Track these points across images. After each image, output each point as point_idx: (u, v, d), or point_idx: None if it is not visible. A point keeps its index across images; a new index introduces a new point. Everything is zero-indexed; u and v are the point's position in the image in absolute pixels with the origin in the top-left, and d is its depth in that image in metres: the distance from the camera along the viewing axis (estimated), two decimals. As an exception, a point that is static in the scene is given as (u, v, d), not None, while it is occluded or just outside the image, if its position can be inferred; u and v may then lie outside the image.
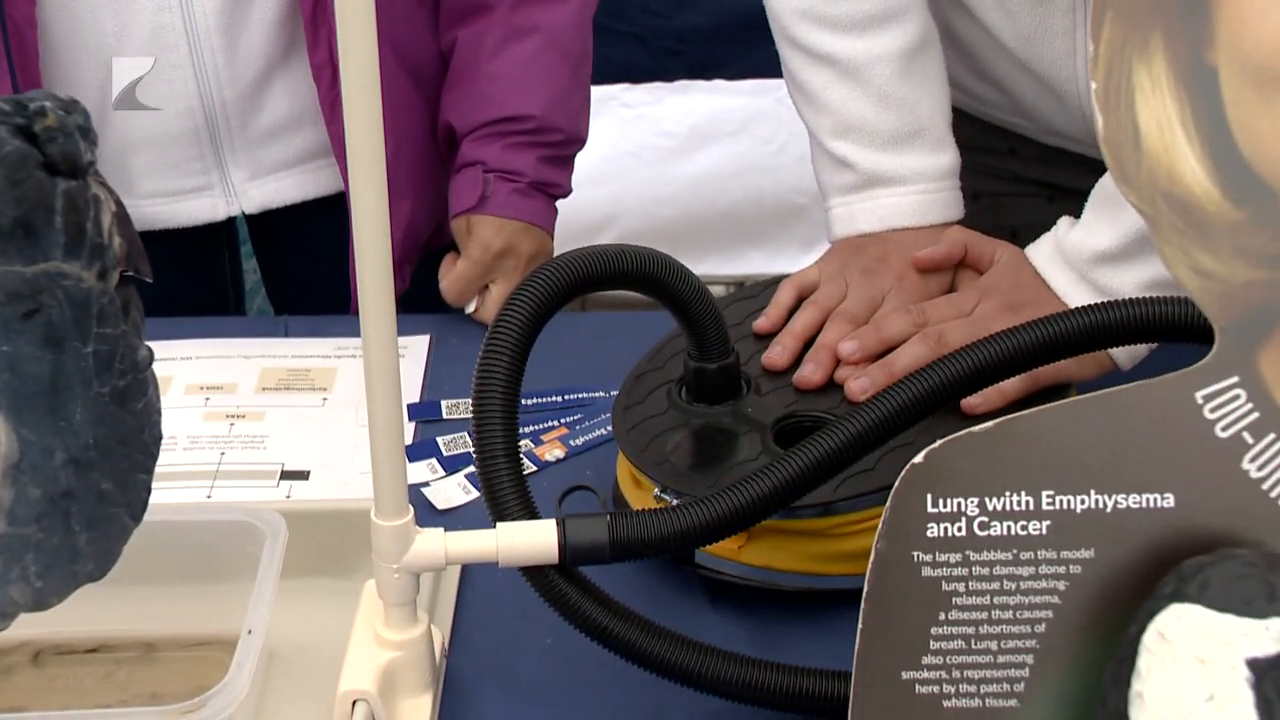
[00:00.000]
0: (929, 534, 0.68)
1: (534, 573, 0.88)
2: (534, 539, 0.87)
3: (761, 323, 1.13)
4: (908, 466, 0.68)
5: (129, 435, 0.83)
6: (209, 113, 1.30)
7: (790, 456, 0.85)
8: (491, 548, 0.88)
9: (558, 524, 0.87)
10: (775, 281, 1.18)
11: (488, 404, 0.88)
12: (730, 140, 2.93)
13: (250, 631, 0.89)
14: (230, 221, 1.40)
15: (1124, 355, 1.05)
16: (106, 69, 1.28)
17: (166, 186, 1.35)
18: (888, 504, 0.69)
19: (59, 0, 1.25)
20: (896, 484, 0.68)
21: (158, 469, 1.13)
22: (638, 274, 0.93)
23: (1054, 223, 1.11)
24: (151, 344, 1.29)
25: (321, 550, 1.01)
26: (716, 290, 3.18)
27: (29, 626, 0.98)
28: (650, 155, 2.95)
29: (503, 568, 0.87)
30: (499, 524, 0.88)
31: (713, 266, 3.01)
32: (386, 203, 0.80)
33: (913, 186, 1.17)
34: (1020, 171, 1.36)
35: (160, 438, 0.85)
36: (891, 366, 1.05)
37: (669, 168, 2.96)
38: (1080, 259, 1.06)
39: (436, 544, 0.88)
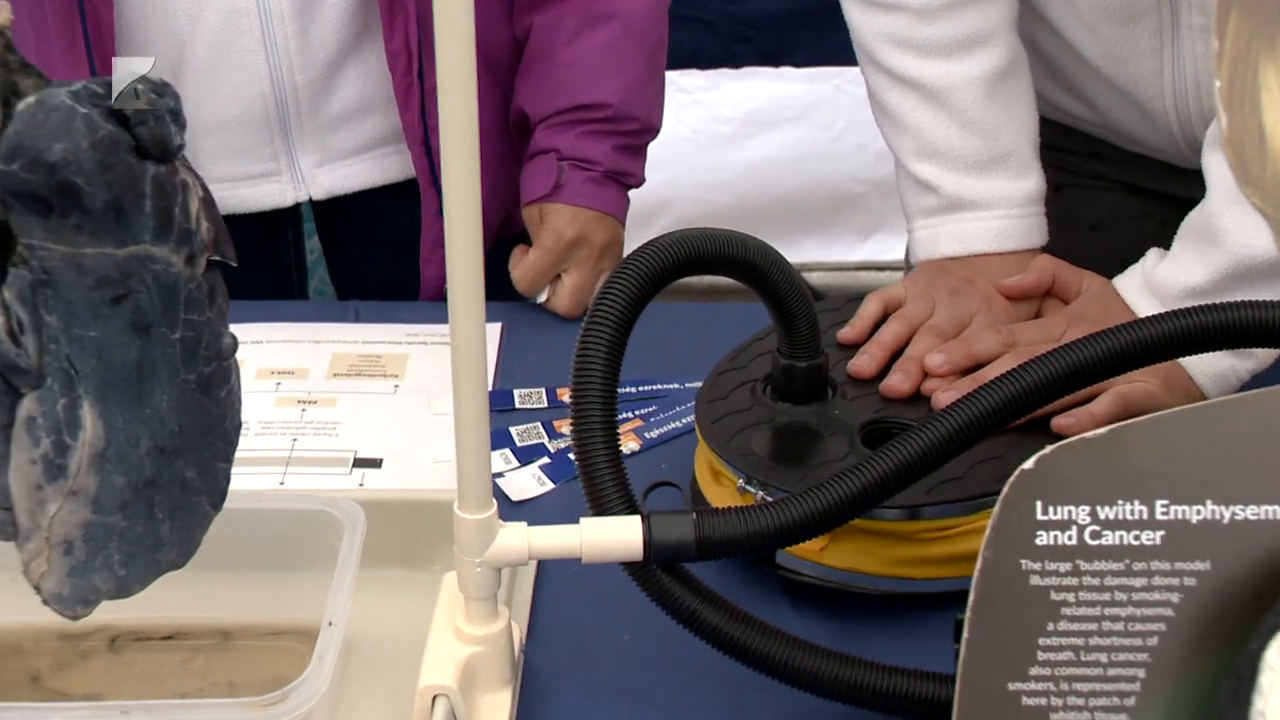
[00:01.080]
0: (1038, 542, 0.67)
1: (636, 569, 0.87)
2: (618, 536, 0.86)
3: (847, 333, 1.11)
4: (1017, 472, 0.66)
5: (212, 423, 0.82)
6: (280, 98, 1.29)
7: (881, 456, 0.84)
8: (575, 544, 0.86)
9: (643, 520, 0.86)
10: (858, 296, 1.17)
11: (587, 395, 0.87)
12: (788, 126, 2.91)
13: (331, 624, 0.88)
14: (296, 206, 1.39)
15: (1210, 384, 1.04)
16: (179, 52, 1.27)
17: (235, 171, 1.34)
18: (995, 510, 0.67)
19: (135, -19, 1.25)
20: (1005, 490, 0.67)
21: (232, 453, 1.13)
22: (738, 260, 0.92)
23: (1136, 215, 1.09)
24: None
25: (398, 540, 1.00)
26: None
27: (106, 611, 0.97)
28: (706, 140, 2.94)
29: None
30: (582, 520, 0.87)
31: (767, 253, 2.99)
32: (479, 191, 0.79)
33: (995, 211, 1.16)
34: (1103, 171, 1.34)
35: (240, 426, 0.85)
36: (980, 381, 1.03)
37: (725, 153, 2.94)
38: (1169, 293, 1.04)
39: (520, 539, 0.87)
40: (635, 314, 0.88)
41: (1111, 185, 1.34)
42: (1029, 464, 0.66)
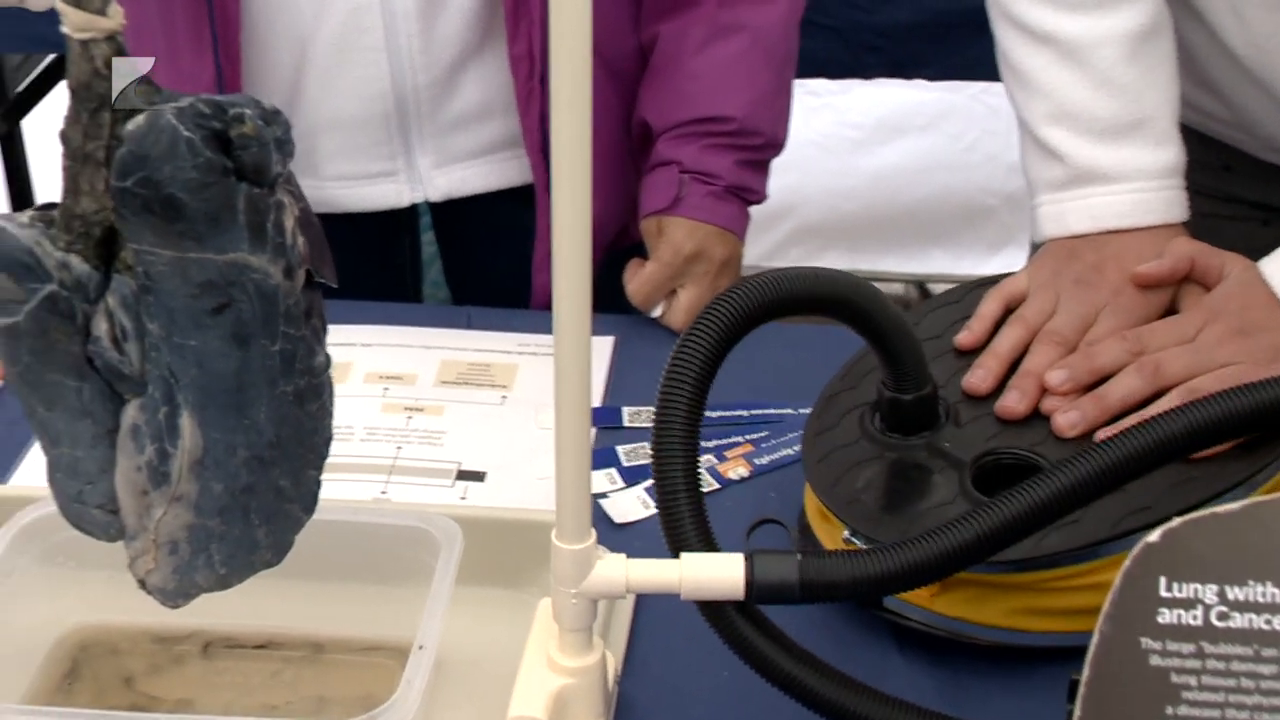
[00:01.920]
0: (1160, 620, 0.63)
1: (710, 607, 0.84)
2: (720, 573, 0.84)
3: (964, 337, 1.06)
4: (1141, 545, 0.63)
5: (305, 435, 0.82)
6: (400, 98, 1.28)
7: (991, 508, 0.80)
8: (675, 579, 0.84)
9: (746, 560, 0.84)
10: (981, 284, 1.11)
11: (669, 431, 0.84)
12: (919, 135, 2.86)
13: (421, 647, 0.86)
14: (413, 207, 1.38)
15: None
16: (302, 49, 1.26)
17: (353, 170, 1.33)
18: (1116, 584, 0.64)
19: (262, -23, 1.24)
20: (1127, 563, 0.63)
21: (335, 460, 1.12)
22: (834, 299, 0.88)
23: (1267, 249, 1.03)
24: (333, 327, 1.28)
25: (496, 559, 0.98)
26: (895, 289, 3.12)
27: (201, 616, 0.97)
28: (835, 145, 2.90)
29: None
30: (683, 555, 0.85)
31: (893, 264, 2.94)
32: (589, 202, 0.76)
33: (1130, 184, 1.08)
34: (1235, 191, 1.28)
35: (330, 439, 0.84)
36: (1104, 400, 0.98)
37: (853, 159, 2.90)
38: None
39: (618, 571, 0.85)
40: (723, 352, 0.85)
41: (1243, 214, 1.28)
42: (1154, 536, 0.62)
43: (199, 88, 1.26)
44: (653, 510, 1.09)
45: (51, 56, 2.55)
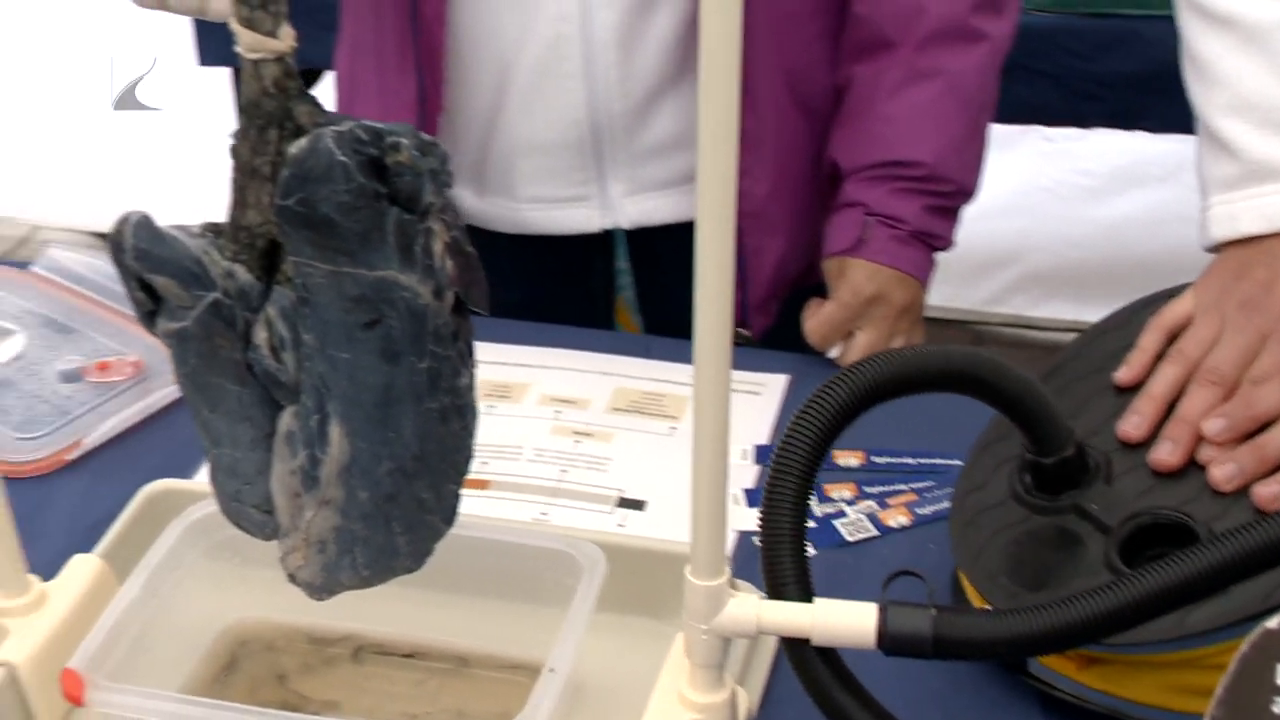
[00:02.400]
0: (1275, 709, 0.61)
1: (790, 644, 0.84)
2: (852, 621, 0.83)
3: (1123, 374, 1.01)
4: (1259, 630, 0.60)
5: (448, 452, 0.84)
6: (595, 125, 1.30)
7: (1135, 580, 0.78)
8: (806, 623, 0.84)
9: (879, 609, 0.83)
10: (1151, 301, 1.06)
11: (781, 484, 0.84)
12: (1156, 186, 2.78)
13: (553, 670, 0.87)
14: (608, 233, 1.40)
15: None
16: (504, 72, 1.29)
17: (547, 193, 1.35)
18: (1230, 668, 0.61)
19: (469, 1, 1.27)
20: (1244, 648, 0.61)
21: (500, 478, 1.14)
22: (951, 375, 0.86)
23: None
24: (515, 348, 1.31)
25: (642, 588, 0.99)
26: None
27: (355, 621, 1.00)
28: (1067, 193, 2.84)
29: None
30: (817, 599, 0.85)
31: (1120, 317, 2.87)
32: (733, 232, 0.76)
33: None
34: None
35: (471, 457, 0.86)
36: (1263, 450, 0.93)
37: (1085, 208, 2.83)
38: None
39: (750, 611, 0.84)
40: (839, 428, 0.84)
41: None
42: (1273, 623, 0.60)
43: (403, 105, 1.30)
44: (810, 551, 1.08)
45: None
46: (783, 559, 0.84)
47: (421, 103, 1.29)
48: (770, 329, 1.35)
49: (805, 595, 0.83)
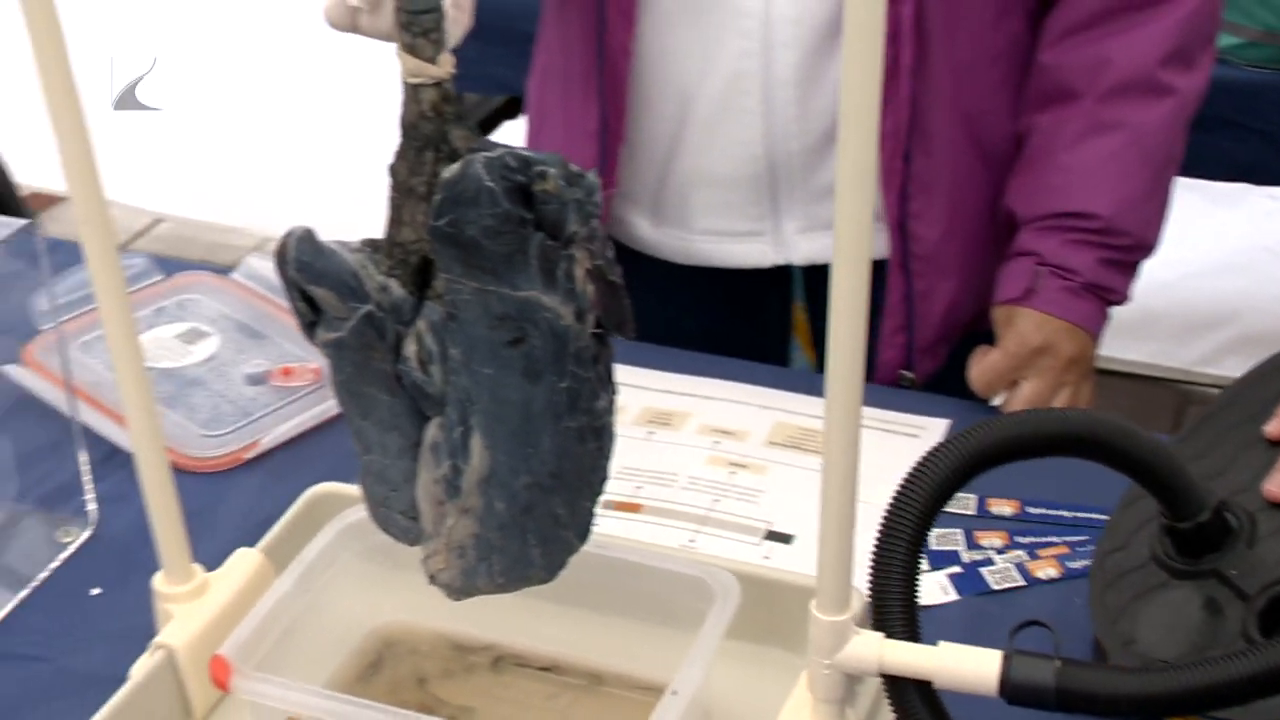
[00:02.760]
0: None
1: (893, 682, 0.85)
2: (975, 666, 0.83)
3: (1273, 427, 0.99)
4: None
5: (584, 470, 0.86)
6: (772, 161, 1.31)
7: (1269, 648, 0.76)
8: (929, 665, 0.84)
9: (1004, 657, 0.83)
10: None
11: (892, 546, 0.85)
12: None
13: (675, 692, 0.89)
14: (785, 269, 1.41)
15: None
16: (685, 104, 1.31)
17: (721, 226, 1.37)
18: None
19: (654, 33, 1.29)
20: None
21: (652, 503, 1.16)
22: (1075, 438, 0.85)
23: None
24: (680, 377, 1.33)
25: (778, 620, 1.00)
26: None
27: (497, 632, 1.02)
28: (1292, 254, 2.77)
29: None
30: (941, 643, 0.85)
31: (1341, 384, 2.78)
32: (867, 273, 0.77)
33: None
34: None
35: (607, 478, 0.88)
36: None
37: (1310, 270, 2.76)
38: None
39: (872, 649, 0.85)
40: (954, 488, 0.86)
41: None
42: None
43: (585, 135, 1.33)
44: (952, 597, 1.08)
45: (502, 98, 2.71)
46: (892, 618, 0.84)
47: (603, 132, 1.32)
48: (935, 373, 1.35)
49: (909, 634, 0.84)
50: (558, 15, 1.37)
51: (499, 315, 0.80)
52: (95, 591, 1.13)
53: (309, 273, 0.82)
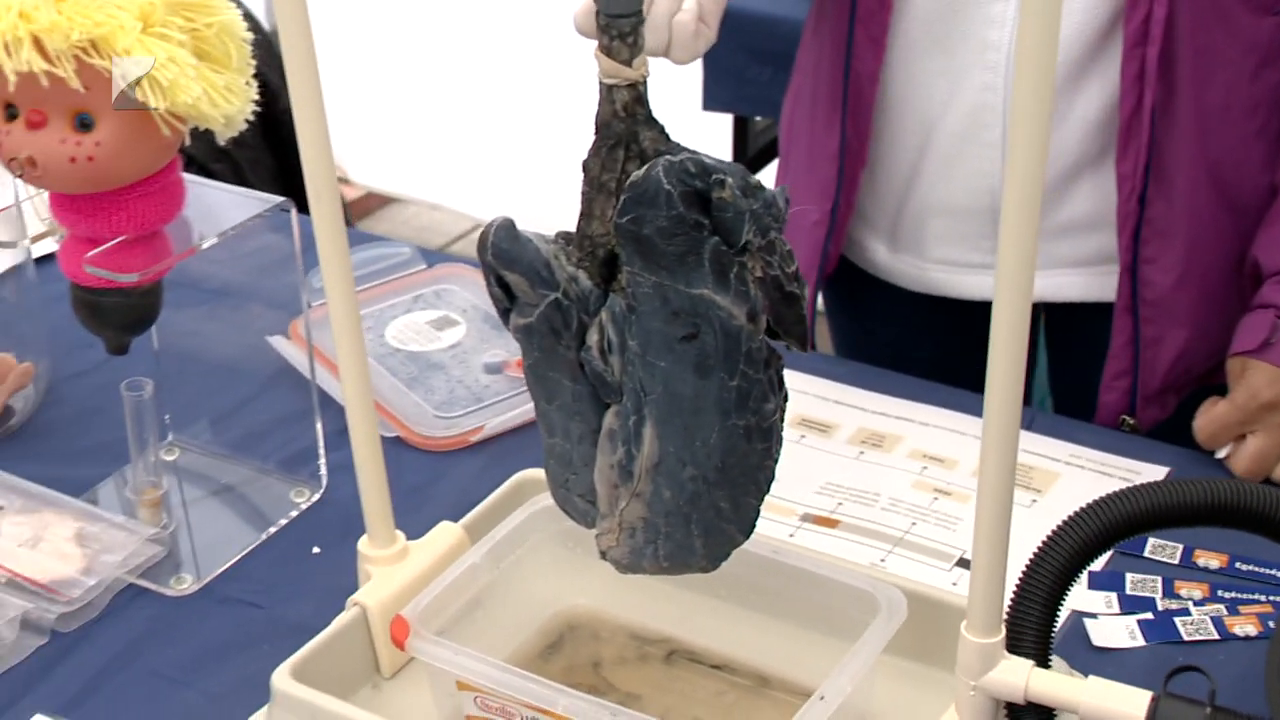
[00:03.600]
0: None
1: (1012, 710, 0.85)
2: (1121, 704, 0.83)
3: None
4: None
5: (749, 469, 0.88)
6: (1010, 195, 1.30)
7: None
8: (1075, 699, 0.84)
9: (1152, 699, 0.82)
10: None
11: (1026, 612, 0.85)
12: None
13: (823, 697, 0.90)
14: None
15: None
16: (926, 133, 1.32)
17: (953, 256, 1.37)
18: None
19: (900, 62, 1.31)
20: None
21: (850, 520, 1.18)
22: (1221, 508, 0.84)
23: None
24: (898, 401, 1.33)
25: (946, 642, 1.00)
26: None
27: (674, 626, 1.06)
28: None
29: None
30: (1090, 677, 0.84)
31: None
32: (1028, 312, 0.78)
33: None
34: None
35: (773, 478, 0.90)
36: None
37: None
38: None
39: (1019, 675, 0.85)
40: (1097, 551, 0.86)
41: None
42: None
43: (826, 157, 1.35)
44: (1139, 642, 1.07)
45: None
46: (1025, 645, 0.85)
47: (843, 155, 1.34)
48: (1162, 423, 1.32)
49: (1041, 658, 0.84)
50: (812, 39, 1.39)
51: (674, 310, 0.83)
52: (315, 550, 1.20)
53: (504, 259, 0.87)
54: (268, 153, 2.55)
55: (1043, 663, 0.85)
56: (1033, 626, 0.85)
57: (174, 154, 1.06)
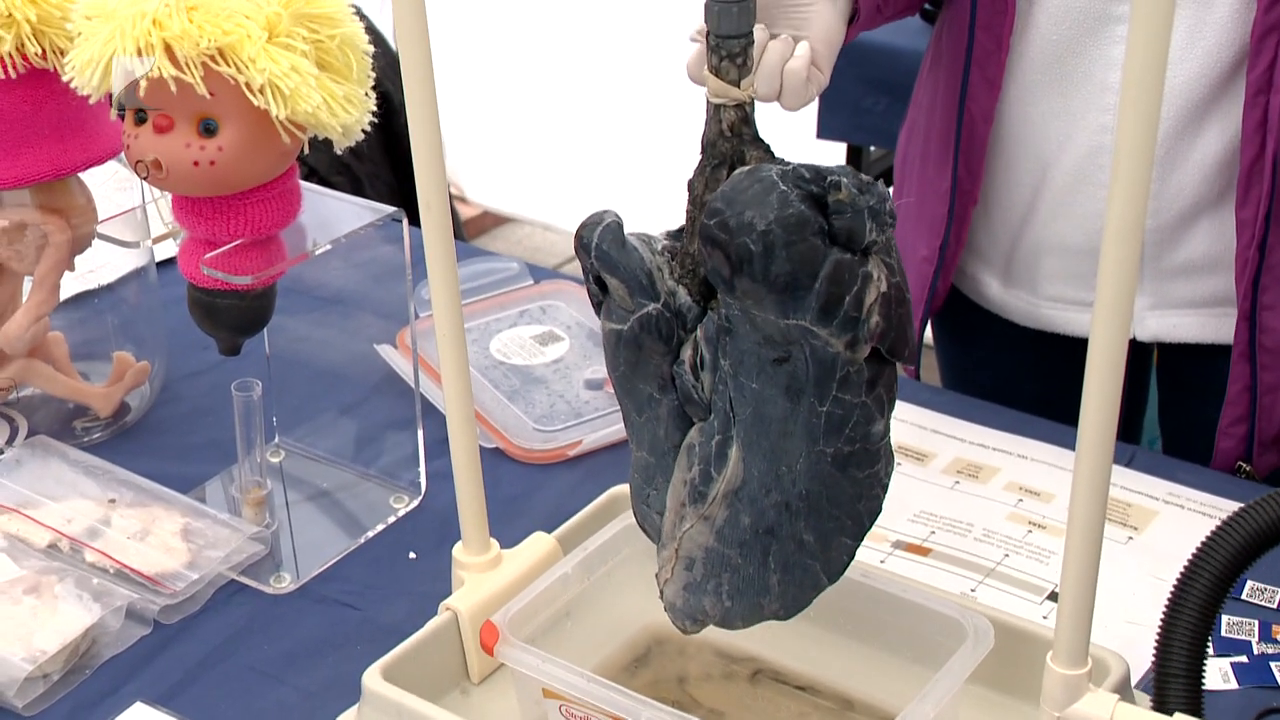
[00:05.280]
0: None
1: None
2: (1207, 743, 0.82)
3: None
4: None
5: (842, 499, 0.87)
6: (1127, 237, 1.30)
7: None
8: (1159, 735, 0.83)
9: (1236, 738, 0.81)
10: None
11: (1180, 614, 0.84)
12: None
13: (903, 721, 0.90)
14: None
15: None
16: (1043, 172, 1.32)
17: (1070, 294, 1.36)
18: None
19: (1017, 102, 1.31)
20: None
21: (942, 549, 1.17)
22: None
23: None
24: (996, 433, 1.33)
25: (1030, 673, 1.00)
26: None
27: (761, 645, 1.06)
28: None
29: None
30: (1177, 714, 0.84)
31: None
32: (1124, 348, 0.78)
33: None
34: None
35: (878, 512, 0.89)
36: None
37: None
38: None
39: (1104, 708, 0.85)
40: (1249, 558, 0.84)
41: None
42: None
43: (937, 195, 1.35)
44: (1231, 685, 1.05)
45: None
46: (1174, 686, 0.84)
47: (954, 195, 1.34)
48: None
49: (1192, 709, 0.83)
50: (930, 75, 1.40)
51: (765, 336, 0.83)
52: (412, 555, 1.22)
53: (606, 262, 0.86)
54: (387, 167, 2.60)
55: (1194, 698, 0.84)
56: (1180, 666, 0.84)
57: (292, 161, 1.09)
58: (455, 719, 0.96)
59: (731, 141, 0.84)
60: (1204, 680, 0.85)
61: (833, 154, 2.69)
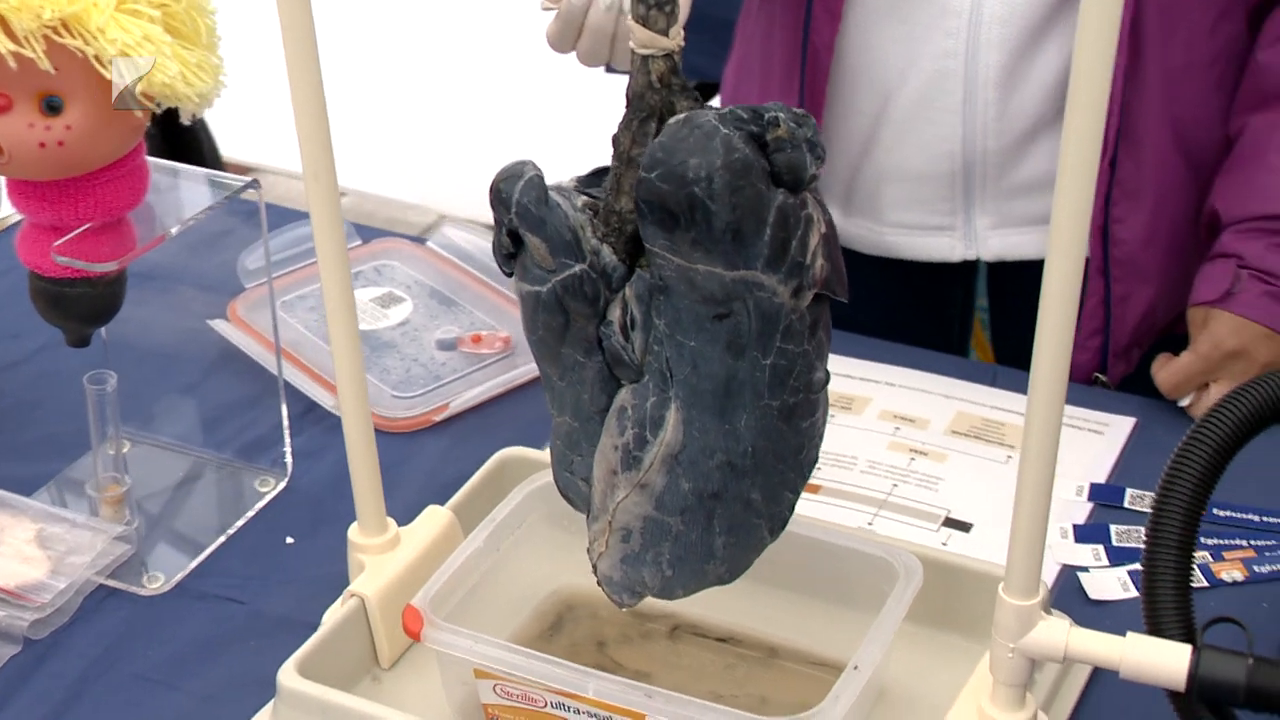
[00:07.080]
0: None
1: (1179, 701, 0.84)
2: (1163, 659, 0.83)
3: None
4: None
5: (787, 452, 0.85)
6: (968, 159, 1.31)
7: None
8: (1115, 656, 0.84)
9: (1193, 651, 0.82)
10: None
11: (1168, 512, 0.83)
12: None
13: (856, 667, 0.90)
14: (969, 263, 1.41)
15: None
16: (883, 100, 1.32)
17: (911, 220, 1.37)
18: None
19: (858, 30, 1.30)
20: None
21: (831, 484, 1.17)
22: None
23: None
24: (864, 362, 1.33)
25: (956, 605, 1.00)
26: None
27: (676, 602, 1.04)
28: None
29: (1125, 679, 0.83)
30: (1130, 634, 0.85)
31: None
32: (1079, 273, 0.78)
33: None
34: None
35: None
36: None
37: None
38: None
39: (1059, 635, 0.85)
40: (1235, 447, 0.83)
41: None
42: None
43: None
44: (1131, 594, 1.08)
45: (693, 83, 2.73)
46: (1164, 600, 0.84)
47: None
48: (1127, 376, 1.34)
49: (1187, 635, 0.83)
50: (762, 7, 1.38)
51: (705, 295, 0.80)
52: (289, 540, 1.16)
53: (528, 219, 0.82)
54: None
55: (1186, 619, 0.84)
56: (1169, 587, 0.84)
57: (141, 136, 1.02)
58: (389, 711, 0.92)
59: (661, 93, 0.81)
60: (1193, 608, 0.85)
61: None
